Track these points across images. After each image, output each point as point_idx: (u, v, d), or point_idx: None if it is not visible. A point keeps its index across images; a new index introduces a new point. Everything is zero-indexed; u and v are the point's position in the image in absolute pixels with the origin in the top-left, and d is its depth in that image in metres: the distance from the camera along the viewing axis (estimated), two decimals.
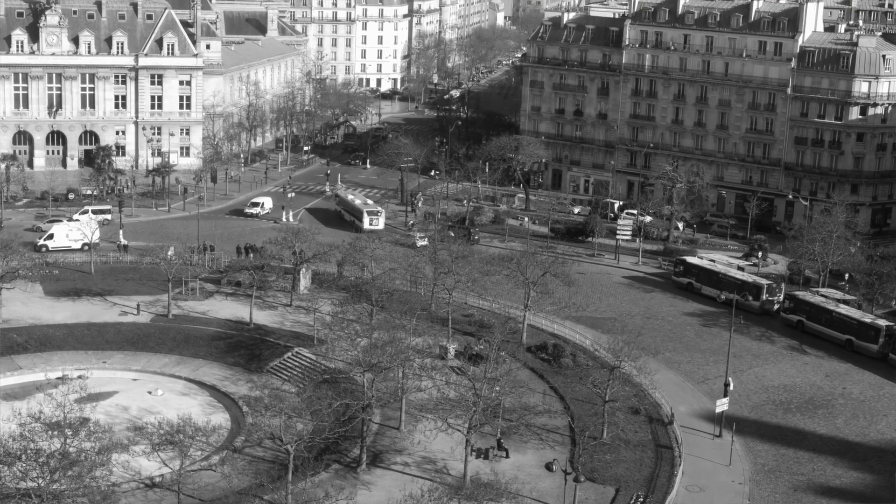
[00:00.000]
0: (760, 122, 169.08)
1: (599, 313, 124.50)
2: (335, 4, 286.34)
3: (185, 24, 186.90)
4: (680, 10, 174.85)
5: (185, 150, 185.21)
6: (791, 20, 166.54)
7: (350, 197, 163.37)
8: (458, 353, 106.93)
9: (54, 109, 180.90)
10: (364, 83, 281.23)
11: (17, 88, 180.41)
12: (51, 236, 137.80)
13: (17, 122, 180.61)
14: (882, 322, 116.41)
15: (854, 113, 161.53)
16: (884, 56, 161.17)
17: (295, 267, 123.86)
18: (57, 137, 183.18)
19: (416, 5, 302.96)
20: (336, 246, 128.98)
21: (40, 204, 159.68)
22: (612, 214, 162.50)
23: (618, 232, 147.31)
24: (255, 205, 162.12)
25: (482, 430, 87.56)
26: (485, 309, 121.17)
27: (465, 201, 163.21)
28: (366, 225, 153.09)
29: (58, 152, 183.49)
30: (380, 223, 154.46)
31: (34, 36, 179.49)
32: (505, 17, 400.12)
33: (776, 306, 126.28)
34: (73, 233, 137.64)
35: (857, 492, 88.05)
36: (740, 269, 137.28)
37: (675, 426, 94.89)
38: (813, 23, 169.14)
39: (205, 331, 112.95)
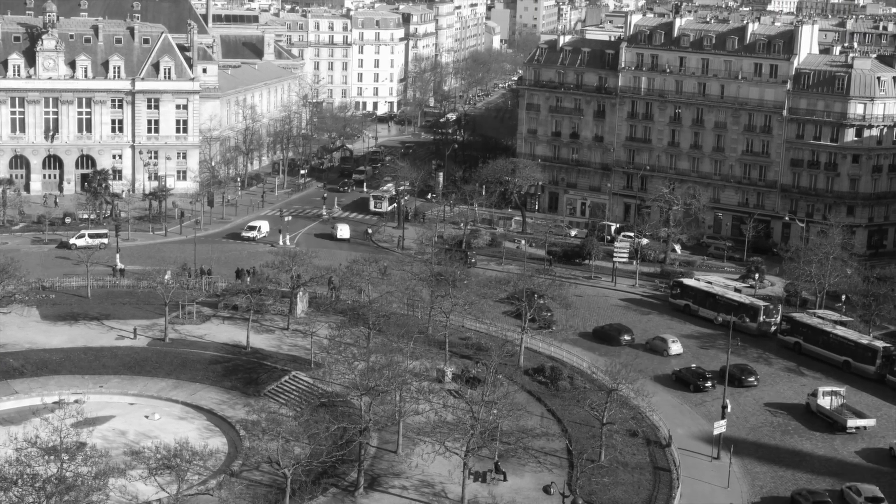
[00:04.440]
0: (756, 145, 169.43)
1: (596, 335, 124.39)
2: (332, 28, 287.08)
3: (182, 48, 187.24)
4: (675, 33, 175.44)
5: (181, 174, 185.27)
6: (786, 42, 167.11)
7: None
8: (455, 376, 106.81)
9: (51, 134, 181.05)
10: (360, 106, 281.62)
11: (13, 113, 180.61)
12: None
13: (13, 146, 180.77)
14: (879, 343, 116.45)
15: (849, 135, 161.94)
16: (878, 78, 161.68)
17: (292, 290, 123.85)
18: (53, 161, 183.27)
19: (412, 29, 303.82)
20: (333, 269, 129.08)
21: (37, 228, 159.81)
22: (608, 237, 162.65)
23: (615, 254, 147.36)
24: (252, 228, 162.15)
25: (480, 454, 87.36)
26: (482, 332, 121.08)
27: (461, 224, 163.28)
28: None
29: (54, 176, 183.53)
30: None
31: (31, 60, 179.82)
32: (501, 41, 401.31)
33: (773, 328, 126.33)
34: None
35: None
36: (737, 290, 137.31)
37: (673, 448, 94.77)
38: (808, 45, 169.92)
39: (202, 355, 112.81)
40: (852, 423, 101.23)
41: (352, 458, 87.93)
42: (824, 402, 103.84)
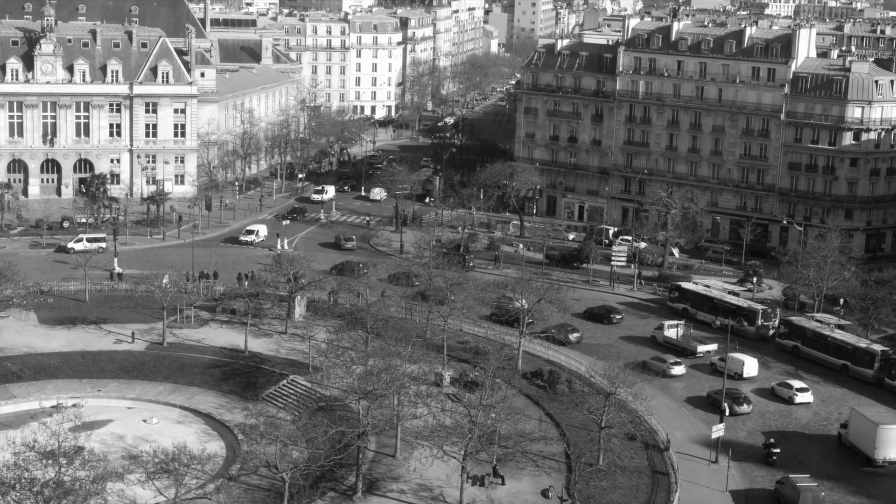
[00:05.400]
0: (754, 148, 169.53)
1: (595, 339, 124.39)
2: (329, 32, 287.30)
3: (180, 53, 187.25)
4: (673, 37, 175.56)
5: (179, 178, 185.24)
6: (784, 46, 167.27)
7: None
8: (453, 380, 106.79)
9: (49, 138, 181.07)
10: (358, 110, 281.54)
11: (11, 117, 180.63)
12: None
13: (11, 150, 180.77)
14: (877, 347, 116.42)
15: (847, 138, 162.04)
16: (876, 81, 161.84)
17: (290, 294, 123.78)
18: (51, 166, 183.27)
19: (410, 33, 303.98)
20: (331, 273, 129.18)
21: (35, 232, 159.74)
22: (606, 241, 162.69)
23: (613, 258, 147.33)
24: (250, 232, 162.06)
25: (478, 457, 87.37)
26: (480, 336, 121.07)
27: (459, 228, 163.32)
28: None
29: (52, 180, 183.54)
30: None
31: (29, 64, 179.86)
32: (499, 45, 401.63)
33: (771, 331, 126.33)
34: None
35: None
36: (735, 294, 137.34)
37: (671, 452, 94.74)
38: (806, 49, 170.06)
39: (200, 359, 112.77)
40: (702, 348, 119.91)
41: (350, 461, 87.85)
42: (670, 333, 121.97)
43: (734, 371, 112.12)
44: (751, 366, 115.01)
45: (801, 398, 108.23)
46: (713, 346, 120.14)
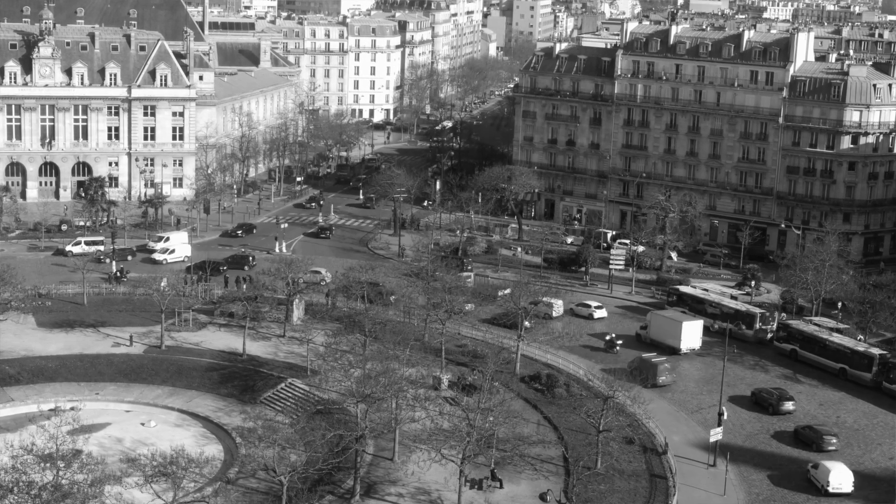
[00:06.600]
0: (752, 152, 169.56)
1: (593, 343, 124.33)
2: (328, 35, 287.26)
3: (178, 56, 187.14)
4: (671, 41, 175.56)
5: (177, 182, 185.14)
6: (782, 50, 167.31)
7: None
8: (451, 383, 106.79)
9: (47, 141, 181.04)
10: (356, 114, 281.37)
11: (9, 120, 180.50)
12: None
13: (9, 153, 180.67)
14: (875, 351, 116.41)
15: (845, 142, 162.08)
16: (874, 85, 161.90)
17: (288, 298, 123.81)
18: (50, 169, 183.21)
19: (408, 36, 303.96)
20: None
21: (33, 235, 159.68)
22: (604, 244, 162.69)
23: (611, 261, 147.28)
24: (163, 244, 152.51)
25: (476, 461, 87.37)
26: (478, 339, 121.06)
27: (457, 231, 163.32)
28: None
29: (51, 184, 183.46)
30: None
31: (27, 67, 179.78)
32: (497, 48, 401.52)
33: (769, 335, 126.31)
34: None
35: None
36: (733, 298, 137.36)
37: (670, 456, 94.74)
38: (804, 52, 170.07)
39: (198, 362, 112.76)
40: (501, 293, 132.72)
41: (348, 465, 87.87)
42: (469, 282, 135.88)
43: (545, 312, 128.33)
44: (558, 306, 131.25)
45: (598, 314, 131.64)
46: (507, 291, 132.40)
